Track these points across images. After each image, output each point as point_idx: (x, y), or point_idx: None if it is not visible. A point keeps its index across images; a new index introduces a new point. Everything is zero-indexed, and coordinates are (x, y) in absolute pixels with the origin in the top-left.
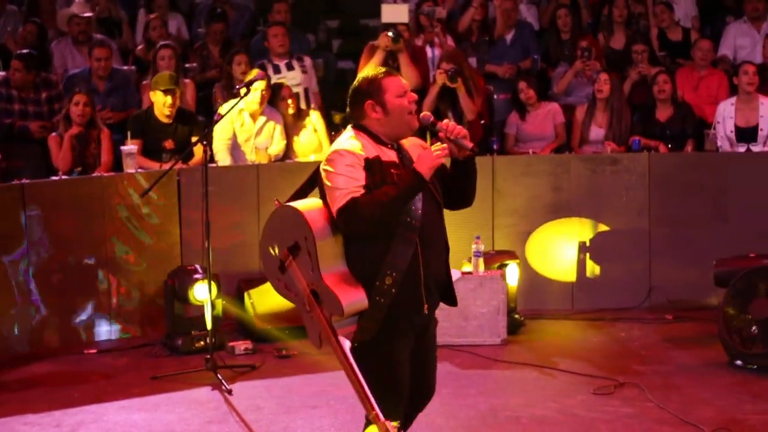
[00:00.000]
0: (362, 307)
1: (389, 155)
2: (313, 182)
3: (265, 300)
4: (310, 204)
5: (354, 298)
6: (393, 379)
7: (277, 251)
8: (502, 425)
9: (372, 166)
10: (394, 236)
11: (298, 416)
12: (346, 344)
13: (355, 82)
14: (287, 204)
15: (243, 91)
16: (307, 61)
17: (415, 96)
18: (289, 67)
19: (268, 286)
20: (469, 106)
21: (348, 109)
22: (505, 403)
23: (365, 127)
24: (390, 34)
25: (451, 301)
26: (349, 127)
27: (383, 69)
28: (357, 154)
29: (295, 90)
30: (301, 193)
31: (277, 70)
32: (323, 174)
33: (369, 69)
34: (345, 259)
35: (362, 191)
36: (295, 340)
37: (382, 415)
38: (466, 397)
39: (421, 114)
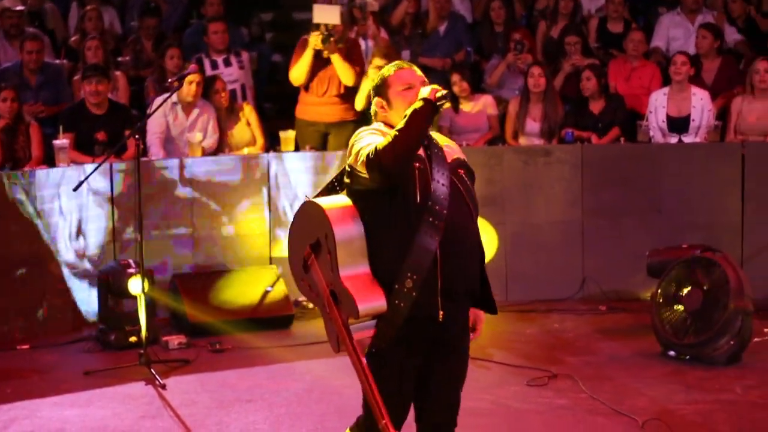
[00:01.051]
0: (380, 311)
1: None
2: (341, 178)
3: (200, 294)
4: (335, 202)
5: (371, 301)
6: (394, 388)
7: (300, 249)
8: None
9: None
10: (420, 228)
11: (233, 410)
12: (363, 347)
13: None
14: (313, 200)
15: (176, 84)
16: (245, 56)
17: (419, 89)
18: (227, 63)
19: (201, 279)
20: None
21: None
22: None
23: (382, 124)
24: (318, 35)
25: (489, 308)
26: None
27: (395, 64)
28: (379, 129)
29: (232, 87)
30: (330, 190)
31: (214, 66)
32: (348, 153)
33: (386, 67)
34: (367, 259)
35: None
36: (230, 334)
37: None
38: None
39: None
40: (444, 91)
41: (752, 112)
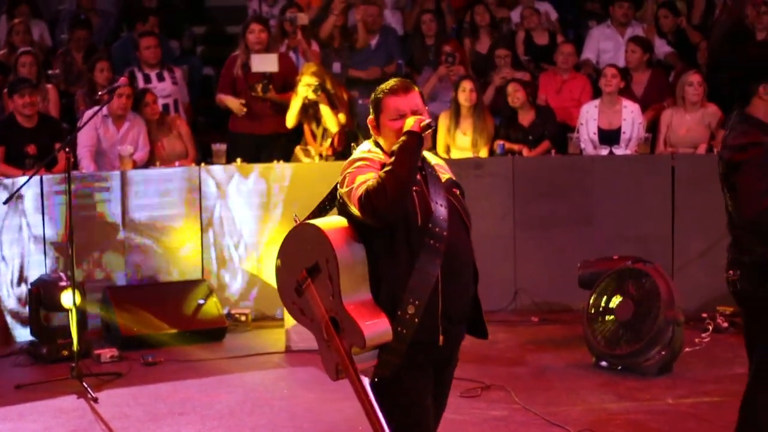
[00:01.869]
0: (386, 340)
1: None
2: (332, 199)
3: (132, 307)
4: (333, 223)
5: (377, 329)
6: (414, 420)
7: (293, 272)
8: (368, 429)
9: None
10: (420, 252)
11: (165, 423)
12: (366, 379)
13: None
14: (307, 222)
15: (106, 97)
16: (178, 72)
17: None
18: (160, 78)
19: (134, 292)
20: (333, 119)
21: None
22: None
23: (377, 143)
24: (259, 87)
25: (480, 333)
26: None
27: (392, 83)
28: (369, 160)
29: (165, 101)
30: (321, 211)
31: (147, 80)
32: (341, 183)
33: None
34: (369, 285)
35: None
36: (162, 346)
37: None
38: (334, 401)
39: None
40: (428, 120)
41: (682, 124)
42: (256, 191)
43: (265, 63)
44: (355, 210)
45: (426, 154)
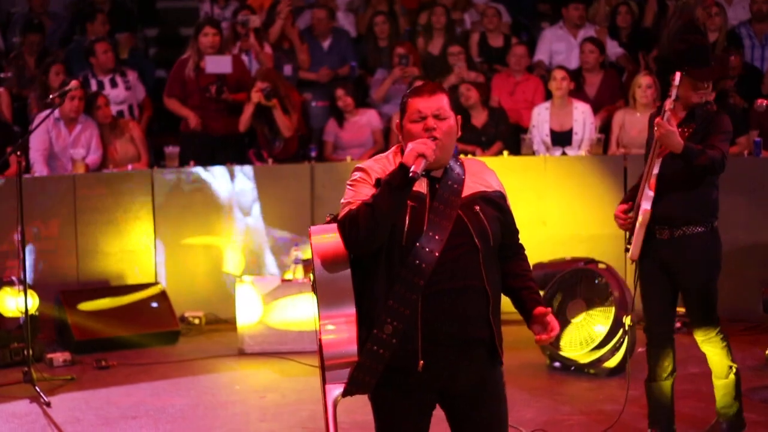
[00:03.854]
0: (348, 359)
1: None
2: None
3: (85, 310)
4: (326, 233)
5: (339, 348)
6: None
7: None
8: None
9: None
10: (398, 278)
11: (118, 427)
12: (334, 394)
13: None
14: (312, 229)
15: (57, 100)
16: (131, 76)
17: (431, 124)
18: (113, 84)
19: (87, 296)
20: (286, 124)
21: None
22: None
23: (391, 153)
24: (213, 89)
25: (492, 357)
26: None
27: (423, 84)
28: (369, 172)
29: (119, 108)
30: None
31: (101, 86)
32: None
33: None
34: (353, 299)
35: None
36: (115, 350)
37: None
38: (287, 405)
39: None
40: (428, 155)
41: (634, 125)
42: (210, 193)
43: (219, 65)
44: None
45: (469, 160)
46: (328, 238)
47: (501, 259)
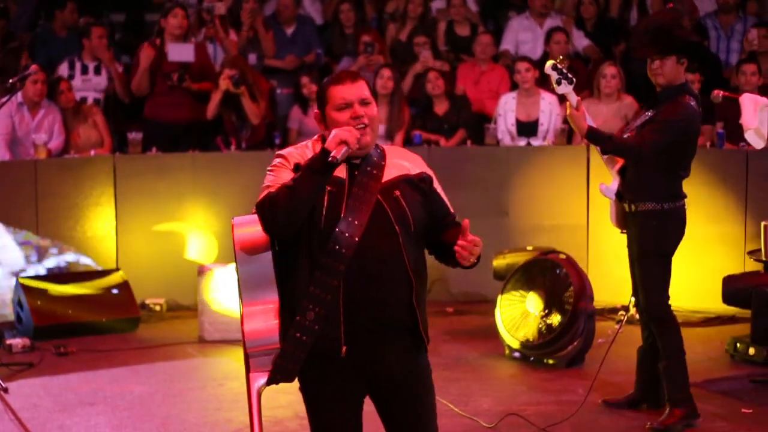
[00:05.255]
0: (272, 347)
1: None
2: None
3: (45, 297)
4: (248, 220)
5: (261, 336)
6: (320, 419)
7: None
8: (279, 418)
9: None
10: (318, 264)
11: (75, 414)
12: (259, 383)
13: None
14: (235, 219)
15: (18, 85)
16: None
17: (360, 111)
18: (97, 71)
19: (46, 282)
20: (254, 111)
21: None
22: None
23: (324, 138)
24: (175, 76)
25: (415, 342)
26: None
27: (341, 72)
28: (288, 158)
29: (97, 96)
30: None
31: (84, 71)
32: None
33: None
34: (275, 286)
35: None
36: (75, 336)
37: None
38: (245, 393)
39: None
40: (351, 143)
41: (598, 116)
42: (173, 181)
43: (182, 53)
44: None
45: (391, 148)
46: (249, 227)
47: (439, 234)
